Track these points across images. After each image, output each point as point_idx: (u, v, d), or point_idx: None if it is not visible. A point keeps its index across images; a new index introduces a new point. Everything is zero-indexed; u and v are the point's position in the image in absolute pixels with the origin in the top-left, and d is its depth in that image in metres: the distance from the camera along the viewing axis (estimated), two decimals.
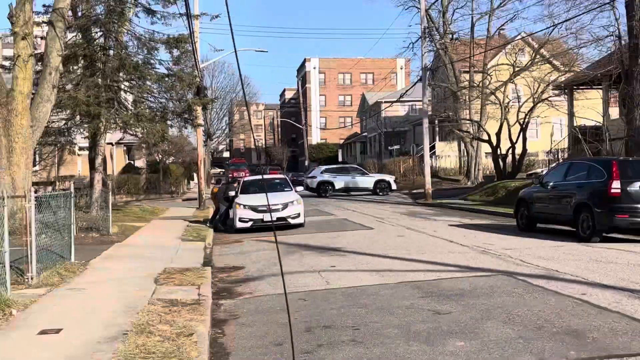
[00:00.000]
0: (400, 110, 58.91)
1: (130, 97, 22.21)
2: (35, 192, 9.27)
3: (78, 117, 20.22)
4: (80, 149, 30.33)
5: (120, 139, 35.04)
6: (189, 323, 6.68)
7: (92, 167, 20.63)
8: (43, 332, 6.26)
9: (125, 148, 42.53)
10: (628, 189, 12.53)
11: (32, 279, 8.72)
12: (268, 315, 7.52)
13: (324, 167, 38.01)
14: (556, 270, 9.58)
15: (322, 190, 34.35)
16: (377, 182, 34.76)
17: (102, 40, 20.22)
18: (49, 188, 24.47)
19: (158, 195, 37.01)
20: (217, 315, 7.61)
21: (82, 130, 21.65)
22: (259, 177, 22.45)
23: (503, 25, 40.82)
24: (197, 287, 8.89)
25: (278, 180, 20.32)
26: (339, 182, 34.64)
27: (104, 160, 21.51)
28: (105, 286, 8.94)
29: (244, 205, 17.54)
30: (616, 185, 12.58)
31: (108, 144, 28.32)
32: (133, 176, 37.54)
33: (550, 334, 6.10)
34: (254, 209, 17.37)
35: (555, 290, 8.12)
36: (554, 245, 12.60)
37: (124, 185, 34.75)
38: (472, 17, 39.46)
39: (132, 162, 44.19)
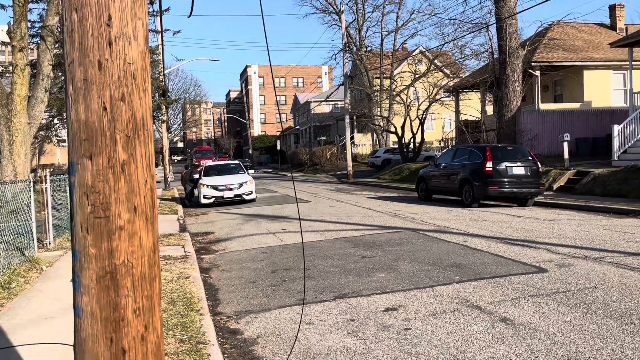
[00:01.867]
0: (325, 108, 59.89)
1: None
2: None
3: (64, 115, 19.96)
4: (62, 141, 29.53)
5: None
6: (184, 270, 7.34)
7: None
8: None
9: None
10: (497, 167, 13.72)
11: (50, 243, 9.06)
12: (240, 264, 8.23)
13: (384, 149, 36.81)
14: (446, 227, 10.74)
15: (386, 164, 33.57)
16: (426, 158, 33.05)
17: None
18: (32, 174, 23.81)
19: None
20: (202, 265, 8.20)
21: (65, 125, 21.32)
22: (218, 163, 22.72)
23: (405, 41, 42.68)
24: (182, 246, 9.45)
25: (233, 165, 20.65)
26: (396, 159, 33.48)
27: None
28: None
29: (207, 185, 17.93)
30: (489, 165, 13.74)
31: None
32: None
33: (442, 267, 7.17)
34: (215, 187, 17.83)
35: (445, 240, 9.24)
36: (445, 210, 13.75)
37: None
38: (381, 34, 41.04)
39: None
